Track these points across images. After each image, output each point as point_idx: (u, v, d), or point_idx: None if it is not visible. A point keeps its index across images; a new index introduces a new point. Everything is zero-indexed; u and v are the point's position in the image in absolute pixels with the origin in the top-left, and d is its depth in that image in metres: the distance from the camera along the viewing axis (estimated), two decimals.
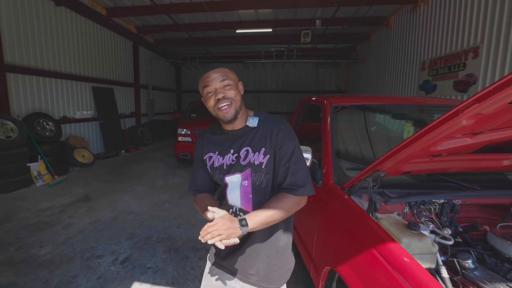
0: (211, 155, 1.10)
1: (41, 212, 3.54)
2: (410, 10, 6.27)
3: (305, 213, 1.85)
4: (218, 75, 1.00)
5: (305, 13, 7.44)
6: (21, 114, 4.88)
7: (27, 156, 4.45)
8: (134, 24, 8.25)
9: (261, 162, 1.02)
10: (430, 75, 5.46)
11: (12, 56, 4.76)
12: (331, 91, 12.93)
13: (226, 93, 0.99)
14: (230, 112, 1.00)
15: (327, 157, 1.71)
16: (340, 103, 1.98)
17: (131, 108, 9.03)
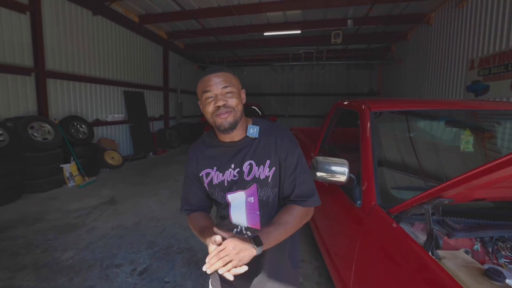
0: (208, 171, 0.98)
1: (69, 213, 3.62)
2: (456, 4, 5.64)
3: (339, 233, 1.66)
4: (220, 80, 0.90)
5: (335, 13, 7.09)
6: (58, 117, 5.13)
7: (61, 158, 4.63)
8: (164, 30, 8.47)
9: (267, 176, 0.94)
10: (480, 75, 4.82)
11: (52, 62, 5.05)
12: (363, 93, 12.27)
13: (227, 101, 0.90)
14: (228, 120, 0.89)
15: (368, 172, 1.44)
16: (381, 108, 1.71)
17: (160, 111, 9.24)
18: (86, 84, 5.88)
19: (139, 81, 7.87)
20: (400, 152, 1.78)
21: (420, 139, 1.98)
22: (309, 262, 2.60)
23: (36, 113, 4.74)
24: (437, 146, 1.98)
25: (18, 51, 4.42)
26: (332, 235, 1.88)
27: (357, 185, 1.48)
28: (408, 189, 1.46)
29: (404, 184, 1.54)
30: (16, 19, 4.38)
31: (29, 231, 3.08)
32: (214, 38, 8.71)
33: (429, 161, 1.70)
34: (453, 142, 1.96)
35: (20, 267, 2.43)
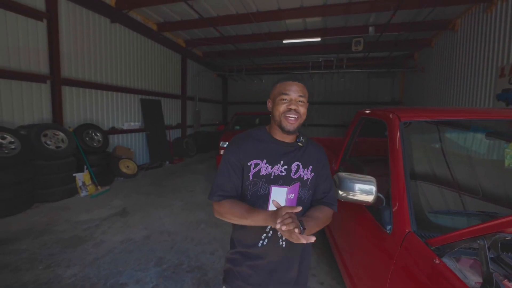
0: (258, 162, 1.05)
1: (78, 225, 3.50)
2: (483, 9, 5.42)
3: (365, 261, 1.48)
4: (299, 89, 1.04)
5: (356, 20, 6.92)
6: (73, 125, 5.11)
7: (74, 166, 4.55)
8: (182, 38, 8.53)
9: (308, 178, 1.09)
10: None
11: (68, 70, 5.05)
12: (384, 102, 11.95)
13: (298, 108, 1.04)
14: (293, 126, 1.03)
15: (399, 191, 1.26)
16: (412, 118, 1.54)
17: (177, 120, 9.20)
18: (102, 92, 5.88)
19: (157, 89, 7.87)
20: (434, 168, 1.60)
21: (456, 153, 1.82)
22: (329, 285, 2.40)
23: (50, 120, 4.72)
24: (477, 160, 1.81)
25: (33, 58, 4.43)
26: (355, 260, 1.67)
27: (387, 206, 1.30)
28: (449, 213, 1.30)
29: (440, 204, 1.37)
30: (33, 26, 4.40)
31: (34, 244, 2.96)
32: (232, 46, 8.68)
33: (467, 178, 1.55)
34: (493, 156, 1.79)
35: (19, 285, 2.30)
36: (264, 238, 1.05)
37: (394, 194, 1.27)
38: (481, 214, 1.27)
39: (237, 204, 1.02)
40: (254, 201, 1.04)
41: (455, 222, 1.27)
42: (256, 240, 1.05)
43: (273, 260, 1.06)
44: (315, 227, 0.99)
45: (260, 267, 1.06)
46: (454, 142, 1.84)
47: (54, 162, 4.18)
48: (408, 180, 1.28)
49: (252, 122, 7.55)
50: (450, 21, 6.58)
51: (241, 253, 1.09)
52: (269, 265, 1.06)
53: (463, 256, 0.97)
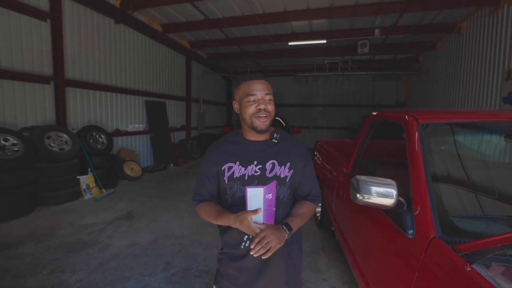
0: (231, 165, 1.07)
1: (82, 229, 3.42)
2: (489, 12, 5.42)
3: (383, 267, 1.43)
4: (264, 86, 1.04)
5: (362, 22, 6.91)
6: (77, 127, 5.04)
7: (77, 169, 4.48)
8: (187, 39, 8.49)
9: (286, 176, 1.07)
10: None
11: (72, 71, 4.98)
12: (389, 105, 11.97)
13: (267, 106, 1.03)
14: (265, 124, 1.03)
15: (421, 194, 1.22)
16: (430, 120, 1.52)
17: (182, 122, 9.15)
18: (106, 94, 5.81)
19: (161, 91, 7.81)
20: (454, 171, 1.57)
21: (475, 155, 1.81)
22: None
23: (54, 122, 4.65)
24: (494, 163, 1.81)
25: (37, 59, 4.37)
26: (372, 266, 1.62)
27: (408, 210, 1.25)
28: (475, 218, 1.25)
29: (462, 208, 1.32)
30: (37, 26, 4.34)
31: (38, 249, 2.88)
32: (237, 48, 8.65)
33: (485, 180, 1.53)
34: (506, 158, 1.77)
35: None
36: (246, 240, 1.06)
37: (415, 197, 1.24)
38: (509, 218, 1.22)
39: (209, 206, 1.09)
40: (234, 204, 1.07)
41: (482, 227, 1.22)
42: (239, 241, 1.07)
43: (258, 262, 1.04)
44: (300, 224, 1.06)
45: (245, 268, 1.07)
46: (472, 144, 1.83)
47: (58, 165, 4.11)
48: (429, 182, 1.24)
49: None
50: (456, 24, 6.60)
51: (227, 254, 1.12)
52: (255, 267, 1.06)
53: (493, 263, 0.91)
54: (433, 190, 1.24)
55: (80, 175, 4.48)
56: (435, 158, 1.67)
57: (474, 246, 0.90)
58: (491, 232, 1.15)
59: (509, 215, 1.23)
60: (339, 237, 2.50)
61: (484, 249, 0.87)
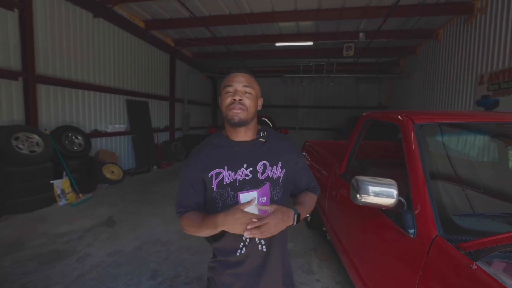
0: (218, 171, 0.98)
1: (57, 238, 3.16)
2: (464, 21, 5.77)
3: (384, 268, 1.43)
4: (243, 79, 0.98)
5: (348, 25, 7.08)
6: (50, 127, 4.66)
7: (51, 172, 4.15)
8: (171, 37, 8.22)
9: (278, 176, 1.01)
10: (490, 90, 4.96)
11: (45, 67, 4.60)
12: (372, 107, 12.33)
13: (243, 99, 0.96)
14: (239, 116, 0.95)
15: (420, 193, 1.25)
16: (425, 120, 1.59)
17: (166, 122, 8.85)
18: (84, 92, 5.45)
19: (144, 90, 7.50)
20: (446, 169, 1.59)
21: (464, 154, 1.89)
22: None
23: (23, 122, 4.27)
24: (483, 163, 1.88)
25: (3, 52, 3.98)
26: (370, 266, 1.63)
27: (408, 209, 1.27)
28: (475, 216, 1.27)
29: (458, 205, 1.35)
30: (2, 17, 3.96)
31: (5, 263, 2.59)
32: (224, 48, 8.51)
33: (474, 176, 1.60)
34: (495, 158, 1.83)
35: None
36: (242, 247, 0.99)
37: (415, 196, 1.26)
38: (506, 216, 1.26)
39: (194, 215, 0.99)
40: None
41: (480, 225, 1.23)
42: (234, 249, 1.00)
43: (255, 265, 1.00)
44: (305, 214, 1.02)
45: (241, 273, 1.01)
46: (462, 144, 1.92)
47: (28, 168, 3.77)
48: (428, 181, 1.27)
49: None
50: (434, 30, 6.93)
51: (221, 262, 1.04)
52: (252, 271, 1.01)
53: (495, 260, 0.93)
54: (432, 188, 1.25)
55: (54, 179, 4.15)
56: (431, 157, 1.70)
57: (477, 244, 0.91)
58: (490, 229, 1.19)
59: (506, 212, 1.28)
60: (332, 237, 2.52)
61: (488, 247, 0.87)
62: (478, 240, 0.92)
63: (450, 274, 0.96)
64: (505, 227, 1.17)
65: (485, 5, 5.06)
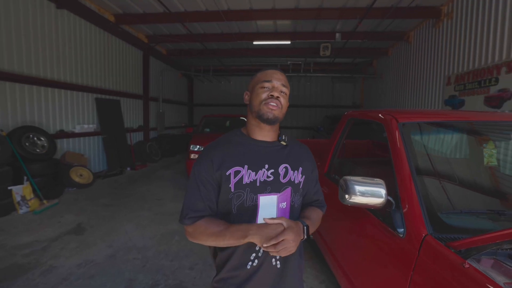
0: (238, 169, 0.89)
1: (17, 250, 2.85)
2: (432, 25, 6.09)
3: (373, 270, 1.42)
4: (283, 78, 0.96)
5: (324, 26, 7.21)
6: (7, 128, 4.21)
7: (9, 178, 3.76)
8: (144, 33, 7.86)
9: (299, 182, 0.97)
10: (456, 90, 5.27)
11: (1, 61, 4.15)
12: (347, 106, 12.69)
13: (280, 97, 0.93)
14: (273, 113, 0.91)
15: (408, 191, 1.25)
16: (408, 119, 1.61)
17: (139, 122, 8.46)
18: (47, 89, 4.98)
19: (115, 88, 7.07)
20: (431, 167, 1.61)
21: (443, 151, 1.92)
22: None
23: None
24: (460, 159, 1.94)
25: None
26: (357, 267, 1.63)
27: (397, 209, 1.26)
28: (463, 213, 1.28)
29: (446, 203, 1.35)
30: None
31: None
32: (200, 45, 8.31)
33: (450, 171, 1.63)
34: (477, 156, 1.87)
35: None
36: (254, 259, 0.89)
37: (402, 195, 1.25)
38: (491, 212, 1.30)
39: (213, 222, 0.88)
40: (240, 216, 0.89)
41: (468, 222, 1.25)
42: (244, 261, 0.90)
43: (266, 284, 0.90)
44: (313, 229, 0.96)
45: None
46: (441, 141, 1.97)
47: None
48: (415, 179, 1.27)
49: (222, 125, 7.20)
50: (405, 33, 7.27)
51: (227, 280, 0.92)
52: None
53: (483, 257, 0.94)
54: (419, 186, 1.26)
55: (13, 185, 3.76)
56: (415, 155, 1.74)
57: (468, 243, 0.91)
58: (476, 226, 1.21)
59: (490, 209, 1.31)
60: (316, 237, 2.50)
61: (480, 245, 0.87)
62: (469, 239, 0.92)
63: (442, 273, 0.96)
64: (490, 224, 1.20)
65: (451, 10, 5.38)
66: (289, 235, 0.78)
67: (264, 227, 0.81)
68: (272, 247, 0.78)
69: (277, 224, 0.81)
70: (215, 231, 0.85)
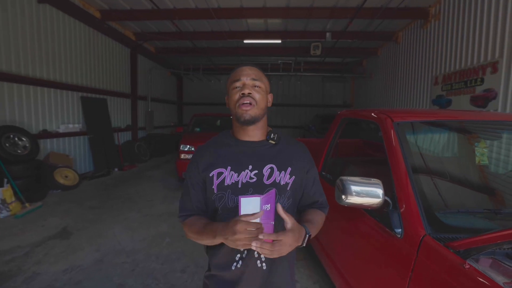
0: (221, 171, 0.90)
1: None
2: (420, 25, 6.19)
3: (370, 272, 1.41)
4: (252, 73, 0.91)
5: (315, 25, 7.21)
6: None
7: None
8: (132, 30, 7.64)
9: (286, 183, 0.92)
10: (444, 90, 5.35)
11: None
12: (337, 105, 12.78)
13: (252, 93, 0.89)
14: (249, 113, 0.87)
15: (405, 191, 1.24)
16: (403, 119, 1.61)
17: (127, 121, 8.24)
18: (28, 87, 4.76)
19: (101, 86, 6.86)
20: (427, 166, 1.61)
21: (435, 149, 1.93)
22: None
23: None
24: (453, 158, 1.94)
25: None
26: (354, 268, 1.61)
27: (394, 209, 1.25)
28: (460, 213, 1.27)
29: (441, 202, 1.34)
30: None
31: None
32: (189, 43, 8.17)
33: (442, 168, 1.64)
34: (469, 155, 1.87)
35: None
36: (238, 260, 0.89)
37: (400, 195, 1.24)
38: (487, 211, 1.30)
39: (198, 220, 0.92)
40: (225, 217, 0.89)
41: (465, 222, 1.25)
42: (230, 260, 0.90)
43: (253, 285, 0.89)
44: (314, 234, 0.90)
45: None
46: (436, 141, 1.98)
47: None
48: (412, 178, 1.25)
49: (213, 124, 7.13)
50: (394, 33, 7.36)
51: (215, 277, 0.94)
52: None
53: (481, 256, 0.93)
54: (416, 186, 1.25)
55: None
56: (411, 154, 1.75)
57: (468, 243, 0.90)
58: (473, 226, 1.21)
59: (487, 209, 1.32)
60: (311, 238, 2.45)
61: (480, 246, 0.87)
62: (468, 239, 0.91)
63: (442, 274, 0.94)
64: (487, 223, 1.21)
65: (438, 12, 5.49)
66: (288, 238, 0.74)
67: (230, 227, 0.73)
68: (265, 246, 0.70)
69: (249, 223, 0.71)
70: (197, 229, 0.88)
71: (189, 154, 5.24)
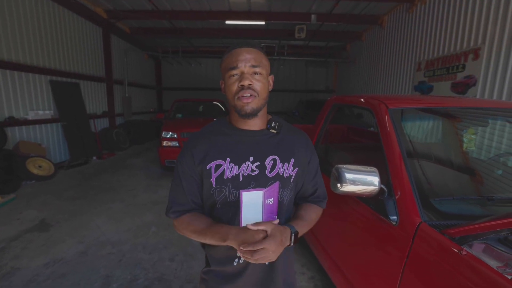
0: (219, 163, 0.82)
1: None
2: (406, 9, 6.13)
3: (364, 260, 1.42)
4: (251, 57, 0.79)
5: (300, 6, 6.99)
6: None
7: None
8: (103, 7, 6.98)
9: (290, 175, 0.87)
10: (426, 76, 5.38)
11: None
12: (320, 90, 12.81)
13: (253, 83, 0.79)
14: (251, 105, 0.79)
15: (399, 177, 1.23)
16: (398, 105, 1.58)
17: (103, 107, 7.79)
18: None
19: (73, 69, 6.37)
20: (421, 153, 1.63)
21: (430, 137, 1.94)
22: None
23: None
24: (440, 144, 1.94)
25: None
26: (348, 256, 1.61)
27: (389, 196, 1.23)
28: (455, 200, 1.28)
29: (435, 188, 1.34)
30: None
31: None
32: (167, 23, 7.70)
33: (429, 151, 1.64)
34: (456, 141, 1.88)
35: None
36: (240, 255, 0.85)
37: (395, 182, 1.23)
38: (481, 198, 1.33)
39: (197, 219, 0.86)
40: (225, 212, 0.85)
41: (459, 209, 1.28)
42: (231, 256, 0.87)
43: (254, 279, 0.88)
44: (305, 231, 0.88)
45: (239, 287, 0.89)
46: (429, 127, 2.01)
47: None
48: (407, 165, 1.24)
49: (195, 110, 6.89)
50: (379, 17, 7.29)
51: (215, 273, 0.91)
52: (251, 286, 0.89)
53: (475, 243, 0.94)
54: (412, 173, 1.24)
55: None
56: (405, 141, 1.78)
57: (464, 230, 0.90)
58: (468, 213, 1.23)
59: (481, 195, 1.34)
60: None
61: (478, 233, 0.87)
62: (465, 226, 0.91)
63: (439, 261, 0.94)
64: (480, 210, 1.22)
65: None
66: (270, 245, 0.71)
67: (244, 232, 0.74)
68: (248, 254, 0.71)
69: (259, 230, 0.73)
70: (197, 229, 0.83)
71: (172, 141, 5.07)
